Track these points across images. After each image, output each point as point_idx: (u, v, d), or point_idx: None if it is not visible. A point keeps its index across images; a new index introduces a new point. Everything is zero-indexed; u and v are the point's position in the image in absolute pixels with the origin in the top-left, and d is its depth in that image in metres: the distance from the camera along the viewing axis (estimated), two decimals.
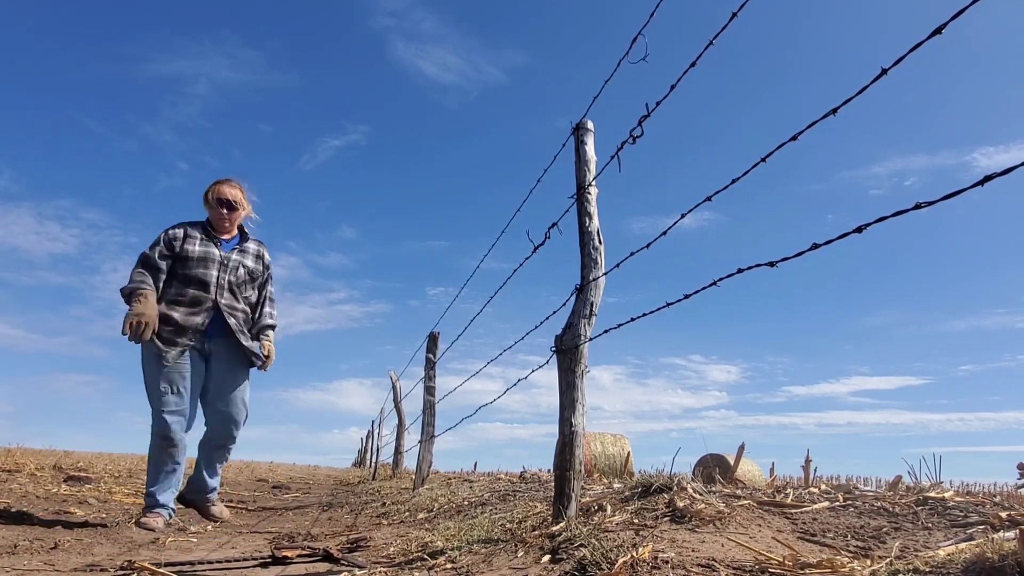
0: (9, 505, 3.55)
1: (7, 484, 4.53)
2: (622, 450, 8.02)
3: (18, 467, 5.63)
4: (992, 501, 2.27)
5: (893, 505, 2.21)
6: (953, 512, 2.07)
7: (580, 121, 2.46)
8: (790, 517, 2.10)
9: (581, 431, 2.16)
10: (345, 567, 2.08)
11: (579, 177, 2.41)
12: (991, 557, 1.20)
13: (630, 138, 1.99)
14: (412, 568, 1.92)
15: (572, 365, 2.20)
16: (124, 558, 2.20)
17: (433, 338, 5.80)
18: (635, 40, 1.94)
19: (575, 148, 2.46)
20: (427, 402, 5.55)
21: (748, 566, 1.43)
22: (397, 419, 7.88)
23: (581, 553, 1.59)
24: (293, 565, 2.18)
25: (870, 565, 1.38)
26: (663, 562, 1.45)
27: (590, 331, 2.23)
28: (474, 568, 1.81)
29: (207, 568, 2.12)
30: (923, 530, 1.91)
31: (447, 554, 2.04)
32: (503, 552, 1.92)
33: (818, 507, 2.23)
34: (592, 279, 2.26)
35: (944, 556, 1.40)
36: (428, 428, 5.46)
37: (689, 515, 1.93)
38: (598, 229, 2.33)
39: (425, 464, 5.30)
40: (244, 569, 2.14)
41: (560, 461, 2.17)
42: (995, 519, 1.83)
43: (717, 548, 1.62)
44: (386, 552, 2.33)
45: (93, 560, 2.15)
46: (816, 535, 1.90)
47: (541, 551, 1.81)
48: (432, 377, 5.64)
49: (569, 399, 2.18)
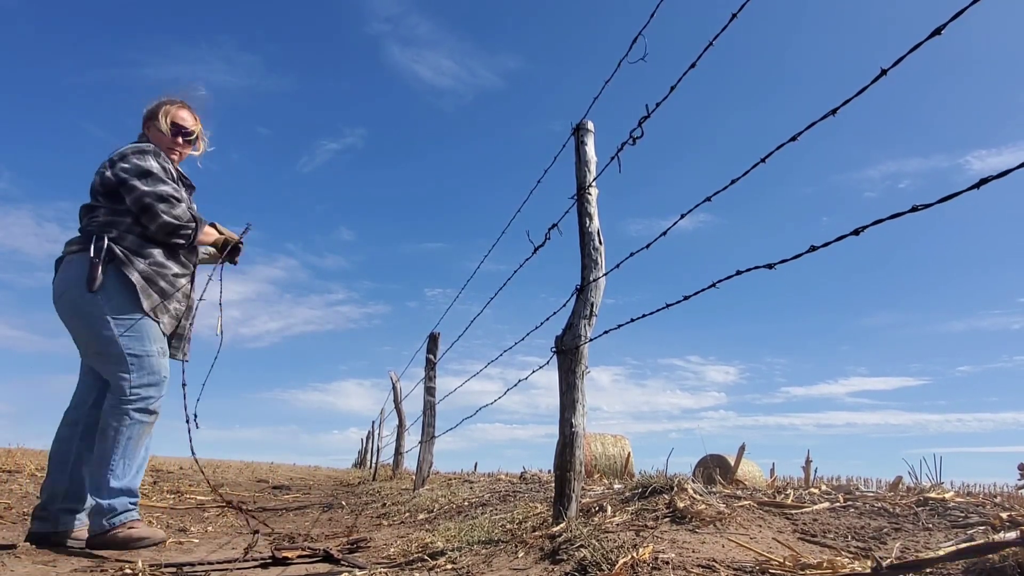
0: (9, 506, 3.55)
1: (7, 484, 4.53)
2: (622, 451, 8.02)
3: (18, 467, 5.63)
4: (992, 502, 2.27)
5: (894, 506, 2.21)
6: (954, 513, 2.07)
7: (580, 122, 2.46)
8: (790, 518, 2.10)
9: (581, 432, 2.16)
10: (345, 568, 2.08)
11: (579, 178, 2.41)
12: (991, 558, 1.20)
13: (630, 139, 1.99)
14: (412, 569, 1.92)
15: (572, 366, 2.20)
16: (124, 558, 2.20)
17: (433, 339, 5.80)
18: (635, 41, 1.94)
19: (575, 148, 2.46)
20: (427, 403, 5.55)
21: (748, 567, 1.43)
22: (397, 420, 7.88)
23: (581, 554, 1.59)
24: (293, 566, 2.18)
25: (870, 565, 1.38)
26: (663, 563, 1.45)
27: (590, 332, 2.23)
28: (474, 569, 1.81)
29: (207, 568, 2.12)
30: (924, 531, 1.91)
31: (447, 555, 2.04)
32: (503, 553, 1.92)
33: (818, 508, 2.23)
34: (592, 280, 2.26)
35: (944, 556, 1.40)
36: (428, 429, 5.45)
37: (689, 516, 1.93)
38: (598, 229, 2.33)
39: (425, 465, 5.30)
40: (244, 570, 2.15)
41: (560, 462, 2.17)
42: (995, 520, 1.83)
43: (717, 549, 1.61)
44: (386, 553, 2.33)
45: (93, 560, 2.15)
46: (817, 536, 1.90)
47: (541, 552, 1.81)
48: (432, 378, 5.64)
49: (569, 400, 2.18)
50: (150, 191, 2.45)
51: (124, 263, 2.43)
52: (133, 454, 2.38)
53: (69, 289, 2.41)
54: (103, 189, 2.49)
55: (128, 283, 2.43)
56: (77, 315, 2.43)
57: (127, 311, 2.42)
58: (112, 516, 2.30)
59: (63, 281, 2.45)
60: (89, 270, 2.37)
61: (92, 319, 2.40)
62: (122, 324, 2.41)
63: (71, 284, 2.41)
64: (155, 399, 2.45)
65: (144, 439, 2.43)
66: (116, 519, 2.30)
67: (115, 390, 2.40)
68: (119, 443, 2.35)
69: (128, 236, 2.47)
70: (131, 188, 2.45)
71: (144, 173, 2.47)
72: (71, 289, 2.41)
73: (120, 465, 2.34)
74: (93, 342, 2.43)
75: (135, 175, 2.46)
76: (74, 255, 2.46)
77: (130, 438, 2.37)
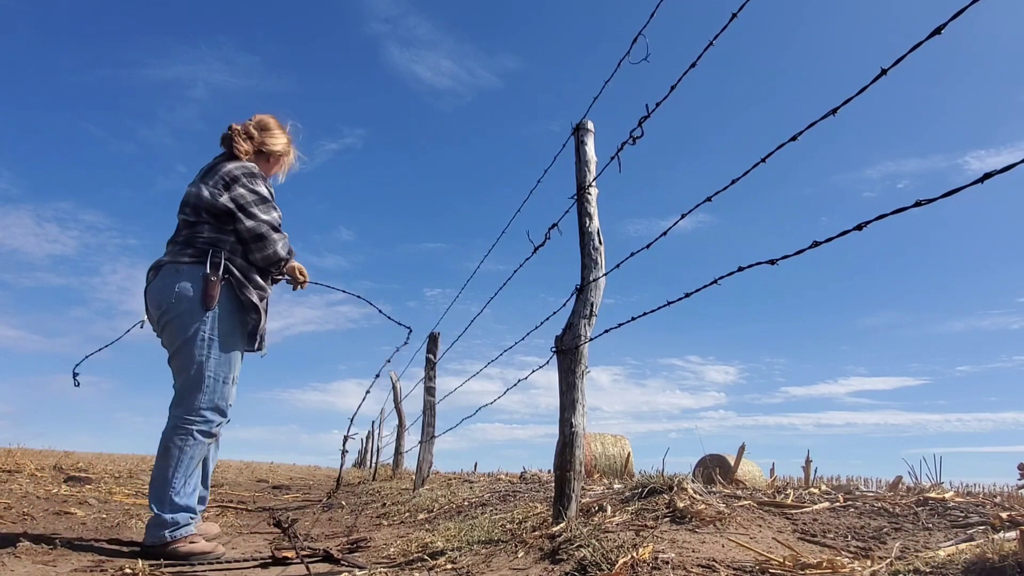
0: (9, 505, 3.55)
1: (7, 484, 4.53)
2: (623, 451, 8.02)
3: (18, 467, 5.63)
4: (992, 502, 2.27)
5: (893, 505, 2.21)
6: (953, 513, 2.07)
7: (580, 121, 2.46)
8: (790, 517, 2.10)
9: (581, 431, 2.16)
10: (345, 568, 2.08)
11: (579, 177, 2.41)
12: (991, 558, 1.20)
13: (630, 139, 1.99)
14: (412, 569, 1.92)
15: (572, 365, 2.20)
16: (124, 559, 2.20)
17: (433, 338, 5.80)
18: (635, 40, 1.94)
19: (575, 148, 2.46)
20: (427, 402, 5.55)
21: (748, 567, 1.43)
22: (397, 420, 7.88)
23: (581, 554, 1.59)
24: (293, 566, 2.18)
25: (870, 566, 1.38)
26: (663, 563, 1.45)
27: (590, 331, 2.23)
28: (474, 569, 1.81)
29: (207, 568, 2.12)
30: (924, 531, 1.91)
31: (447, 555, 2.04)
32: (503, 553, 1.92)
33: (818, 507, 2.23)
34: (592, 280, 2.26)
35: (945, 557, 1.40)
36: (428, 428, 5.45)
37: (689, 516, 1.93)
38: (598, 229, 2.33)
39: (425, 464, 5.30)
40: (244, 570, 2.15)
41: (560, 461, 2.17)
42: (995, 520, 1.83)
43: (717, 549, 1.61)
44: (386, 553, 2.33)
45: (93, 561, 2.15)
46: (816, 536, 1.90)
47: (541, 552, 1.81)
48: (432, 378, 5.64)
49: (569, 399, 2.18)
50: (266, 220, 2.53)
51: (241, 285, 2.50)
52: (192, 472, 2.44)
53: (181, 300, 2.41)
54: (212, 209, 2.48)
55: (240, 306, 2.51)
56: (180, 326, 2.43)
57: (226, 333, 2.47)
58: (175, 529, 2.35)
59: (169, 290, 2.43)
60: (205, 287, 2.41)
61: (193, 333, 2.41)
62: (217, 345, 2.44)
63: (183, 296, 2.41)
64: (216, 423, 2.49)
65: (200, 458, 2.47)
66: (178, 532, 2.36)
67: (182, 404, 2.43)
68: (181, 462, 2.40)
69: (236, 258, 2.52)
70: (251, 215, 2.50)
71: (260, 200, 2.54)
72: (183, 301, 2.41)
73: (181, 482, 2.39)
74: (183, 354, 2.43)
75: (253, 203, 2.52)
76: (183, 265, 2.44)
77: (192, 458, 2.43)
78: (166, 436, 2.42)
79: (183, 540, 2.35)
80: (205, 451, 2.49)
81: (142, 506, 4.10)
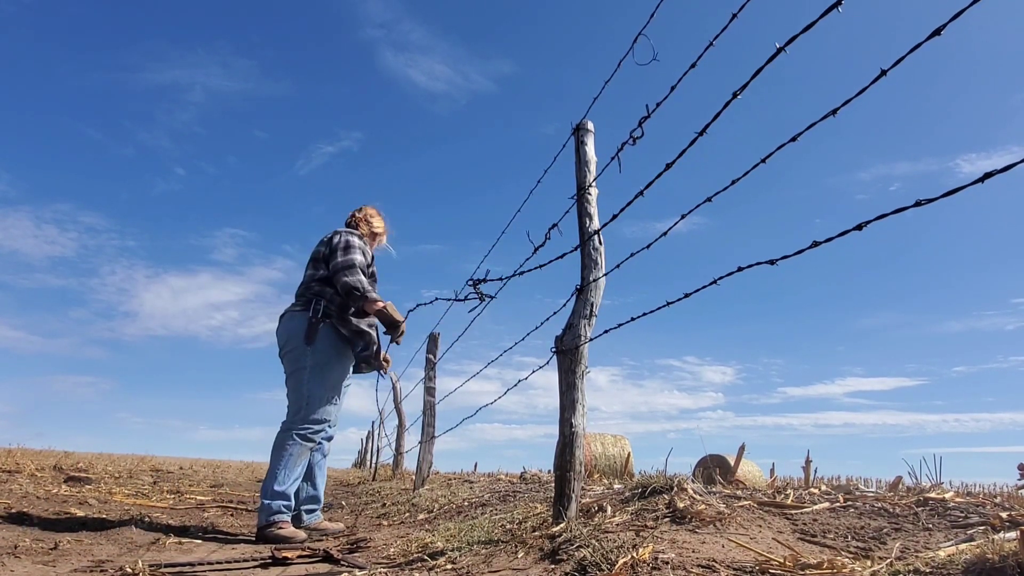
0: (9, 506, 3.55)
1: (7, 484, 4.53)
2: (622, 451, 8.02)
3: (18, 467, 5.63)
4: (992, 502, 2.27)
5: (893, 506, 2.21)
6: (953, 513, 2.07)
7: (580, 122, 2.46)
8: (790, 518, 2.10)
9: (581, 432, 2.16)
10: (345, 568, 2.08)
11: (579, 178, 2.41)
12: (991, 558, 1.20)
13: (630, 139, 1.99)
14: (412, 569, 1.92)
15: (572, 366, 2.20)
16: (124, 559, 2.20)
17: (433, 339, 5.80)
18: (636, 40, 1.94)
19: (575, 148, 2.46)
20: (427, 403, 5.55)
21: (748, 567, 1.43)
22: (397, 420, 7.88)
23: (581, 554, 1.59)
24: (293, 566, 2.18)
25: (870, 566, 1.38)
26: (663, 563, 1.45)
27: (590, 332, 2.23)
28: (474, 569, 1.81)
29: (207, 569, 2.12)
30: (924, 531, 1.90)
31: (447, 555, 2.04)
32: (503, 553, 1.92)
33: (818, 508, 2.23)
34: (592, 280, 2.26)
35: (945, 557, 1.40)
36: (428, 429, 5.45)
37: (689, 516, 1.93)
38: (598, 230, 2.33)
39: (425, 465, 5.30)
40: (244, 570, 2.15)
41: (560, 462, 2.17)
42: (995, 520, 1.83)
43: (717, 549, 1.61)
44: (386, 553, 2.33)
45: (93, 561, 2.15)
46: (816, 536, 1.90)
47: (541, 552, 1.81)
48: (432, 378, 5.63)
49: (569, 400, 2.18)
50: (346, 259, 3.14)
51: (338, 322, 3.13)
52: (293, 468, 2.99)
53: (292, 339, 3.11)
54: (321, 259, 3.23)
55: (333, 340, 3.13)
56: (291, 359, 3.10)
57: (324, 362, 3.08)
58: (271, 515, 2.86)
59: (286, 331, 3.15)
60: (308, 328, 3.08)
61: (301, 363, 3.07)
62: (316, 371, 3.06)
63: (292, 335, 3.11)
64: (315, 432, 3.07)
65: (303, 459, 3.04)
66: (273, 517, 2.86)
67: (290, 414, 3.08)
68: (284, 459, 2.97)
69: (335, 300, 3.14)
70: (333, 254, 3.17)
71: (346, 247, 3.18)
72: (293, 339, 3.10)
73: (283, 475, 2.94)
74: (292, 379, 3.10)
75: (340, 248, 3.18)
76: (297, 312, 3.16)
77: (292, 455, 2.99)
78: (276, 440, 3.03)
79: (275, 525, 2.84)
80: (306, 453, 3.05)
81: (142, 506, 4.10)
